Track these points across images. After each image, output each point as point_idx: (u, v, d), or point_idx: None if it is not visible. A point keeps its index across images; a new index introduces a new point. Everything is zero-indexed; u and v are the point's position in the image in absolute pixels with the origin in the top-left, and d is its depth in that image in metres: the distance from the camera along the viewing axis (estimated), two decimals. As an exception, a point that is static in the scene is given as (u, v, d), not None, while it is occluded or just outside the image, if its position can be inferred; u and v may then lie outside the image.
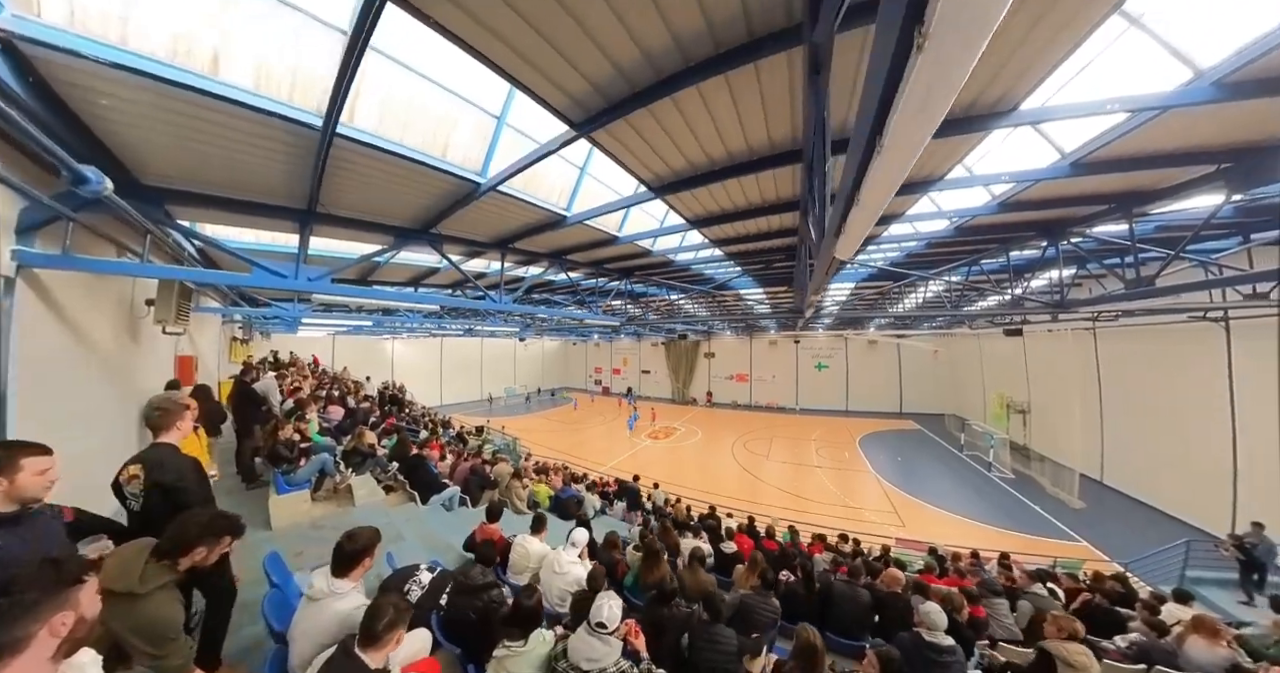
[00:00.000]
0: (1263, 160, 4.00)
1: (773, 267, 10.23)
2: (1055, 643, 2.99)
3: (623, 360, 45.07)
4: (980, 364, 24.77)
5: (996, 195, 6.06)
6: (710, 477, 17.76)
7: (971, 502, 14.98)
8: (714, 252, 9.22)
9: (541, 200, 5.78)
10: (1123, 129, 3.97)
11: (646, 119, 3.80)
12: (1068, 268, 8.47)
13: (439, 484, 6.60)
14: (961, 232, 7.49)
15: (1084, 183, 5.23)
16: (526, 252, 8.17)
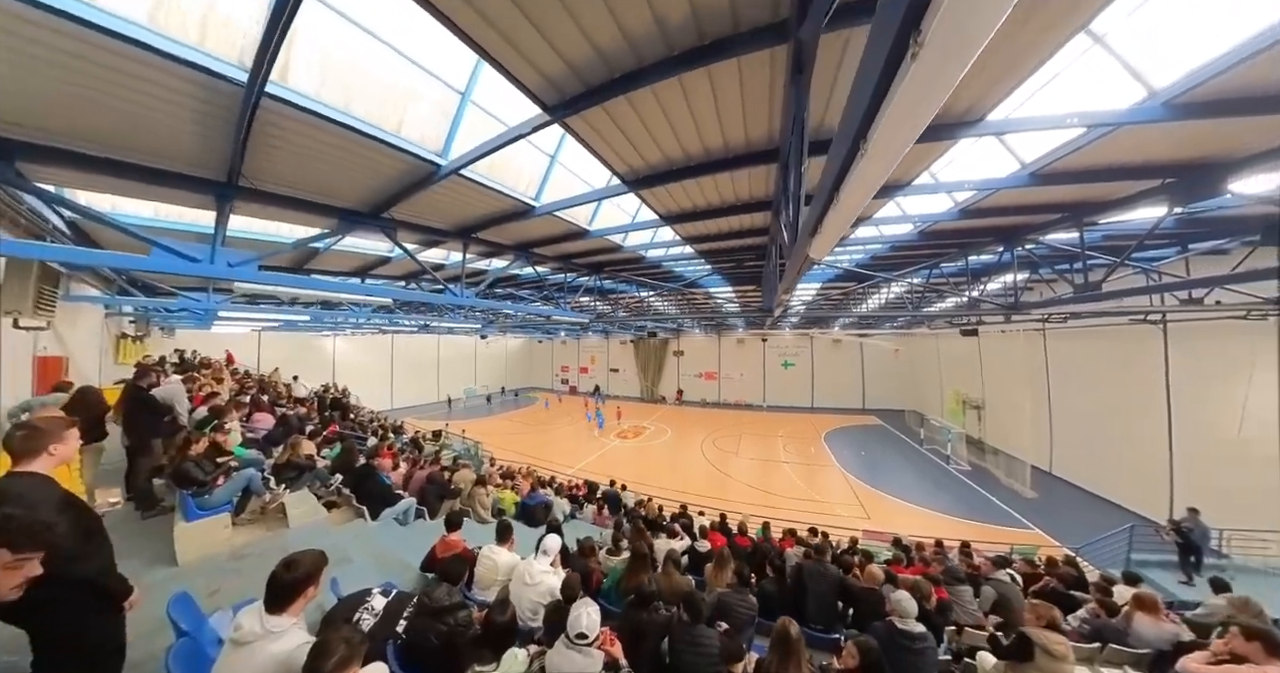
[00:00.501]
0: (1203, 177, 4.31)
1: (744, 266, 10.31)
2: (1036, 631, 3.10)
3: (590, 359, 44.16)
4: (938, 363, 25.94)
5: (959, 202, 6.30)
6: (681, 475, 17.76)
7: (932, 493, 15.67)
8: (685, 249, 9.13)
9: (508, 188, 5.45)
10: (1079, 143, 4.18)
11: (624, 109, 3.65)
12: (1021, 272, 8.95)
13: (392, 496, 5.94)
14: (924, 236, 7.76)
15: (1041, 193, 5.51)
16: (490, 243, 7.76)
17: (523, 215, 6.22)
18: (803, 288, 14.75)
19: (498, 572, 3.90)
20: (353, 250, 8.49)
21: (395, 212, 5.82)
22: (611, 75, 3.17)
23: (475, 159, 4.28)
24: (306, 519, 4.89)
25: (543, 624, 3.30)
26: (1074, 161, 4.52)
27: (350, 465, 6.25)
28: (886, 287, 13.51)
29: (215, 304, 9.53)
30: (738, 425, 27.96)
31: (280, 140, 3.83)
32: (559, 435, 25.53)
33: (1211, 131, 3.76)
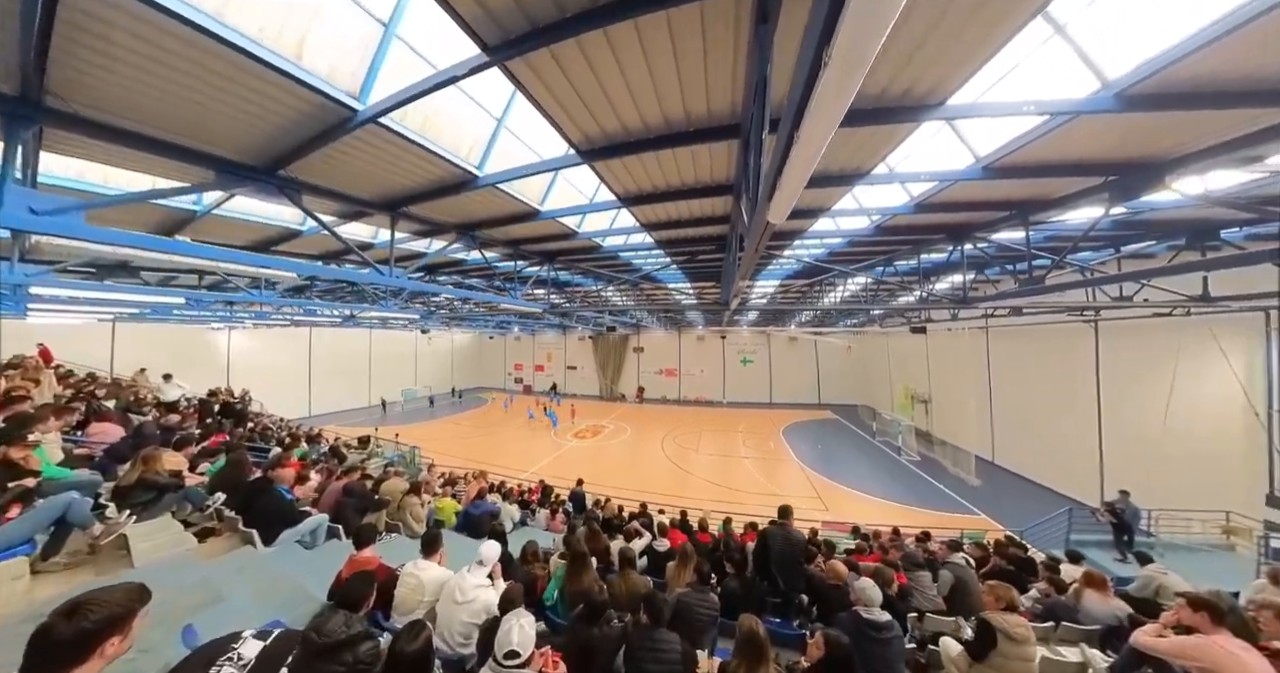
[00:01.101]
0: (1142, 175, 4.54)
1: (697, 259, 10.09)
2: (996, 615, 3.12)
3: (546, 356, 42.84)
4: (888, 359, 27.17)
5: (914, 196, 6.45)
6: (641, 474, 17.59)
7: (885, 483, 16.34)
8: (644, 238, 8.81)
9: (445, 149, 4.80)
10: (1030, 137, 4.30)
11: (575, 56, 3.23)
12: (969, 271, 9.37)
13: (294, 515, 4.95)
14: (880, 231, 7.94)
15: (991, 188, 5.70)
16: (427, 220, 7.01)
17: (464, 187, 5.56)
18: (761, 284, 14.97)
19: (423, 592, 3.34)
20: (248, 218, 7.01)
21: (299, 170, 4.88)
22: (562, 14, 2.82)
23: (401, 103, 3.61)
24: (161, 554, 3.85)
25: (475, 650, 2.88)
26: (1024, 156, 4.65)
27: (237, 481, 5.18)
28: (842, 284, 13.91)
29: (22, 278, 6.51)
30: (698, 422, 28.23)
31: (109, 46, 2.90)
32: (511, 437, 24.43)
33: (1154, 127, 3.94)
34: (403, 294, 14.93)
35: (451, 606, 3.15)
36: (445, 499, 7.73)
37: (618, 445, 22.91)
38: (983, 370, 18.44)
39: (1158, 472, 11.10)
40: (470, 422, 28.84)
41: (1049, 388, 15.23)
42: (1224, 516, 8.88)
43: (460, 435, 24.52)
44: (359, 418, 27.39)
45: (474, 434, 25.22)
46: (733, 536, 7.57)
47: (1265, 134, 3.65)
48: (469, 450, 20.57)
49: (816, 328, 26.22)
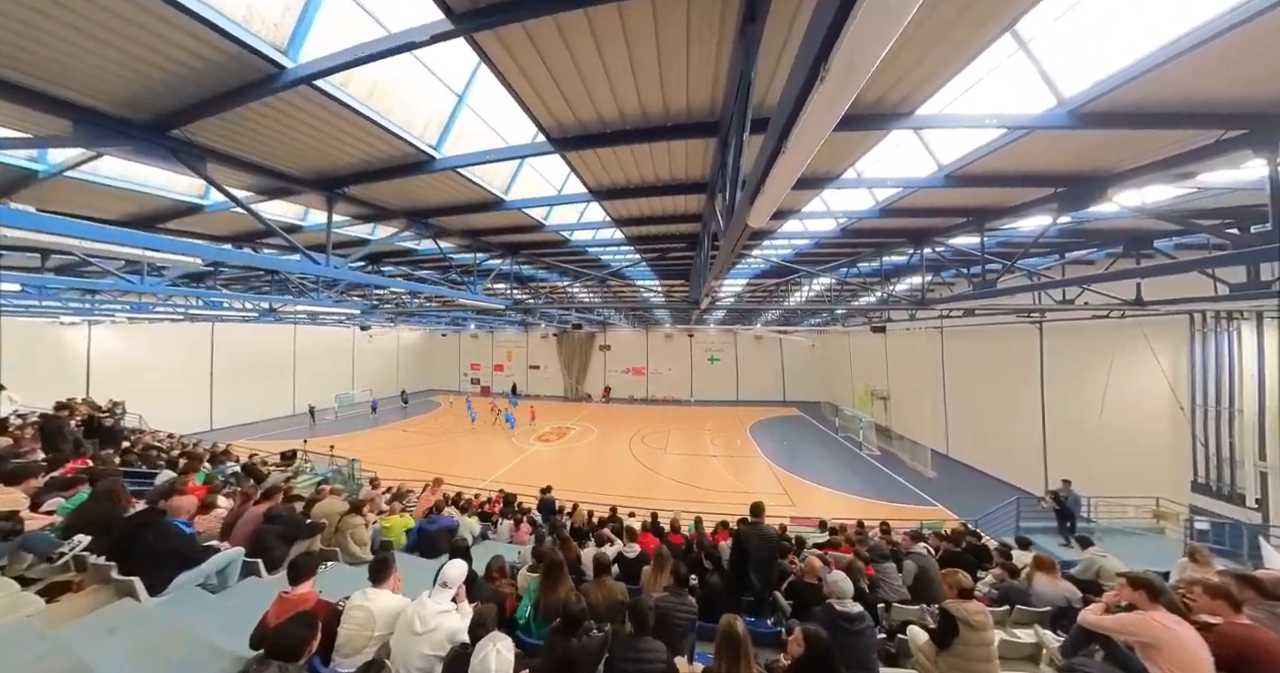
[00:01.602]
0: (1088, 187, 4.92)
1: (668, 257, 10.12)
2: (956, 605, 3.32)
3: (506, 355, 40.71)
4: (850, 358, 28.30)
5: (879, 201, 6.73)
6: (609, 476, 17.32)
7: (848, 478, 17.01)
8: (613, 233, 8.65)
9: (398, 126, 4.32)
10: (990, 147, 4.57)
11: (552, 36, 3.04)
12: (928, 274, 9.88)
13: (195, 553, 4.04)
14: (846, 233, 8.25)
15: (951, 195, 6.03)
16: (371, 204, 6.38)
17: (418, 169, 5.06)
18: (729, 283, 15.25)
19: (373, 626, 2.89)
20: (122, 185, 5.71)
21: (202, 133, 4.15)
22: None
23: (344, 66, 3.16)
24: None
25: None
26: (984, 166, 4.94)
27: (108, 517, 4.19)
28: (808, 284, 14.36)
29: None
30: (666, 421, 28.38)
31: None
32: (468, 444, 22.77)
33: (1102, 144, 4.27)
34: (338, 286, 13.61)
35: (409, 638, 2.77)
36: (394, 516, 6.82)
37: (584, 448, 22.29)
38: (938, 368, 19.55)
39: (1096, 462, 12.10)
40: (420, 428, 26.23)
41: (998, 385, 16.35)
42: (1154, 501, 9.76)
43: (409, 444, 22.44)
44: (281, 430, 23.53)
45: (425, 442, 23.05)
46: (705, 535, 7.69)
47: (1197, 153, 4.02)
48: (419, 460, 18.77)
49: (782, 327, 26.97)
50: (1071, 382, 13.39)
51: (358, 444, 19.53)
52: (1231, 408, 9.40)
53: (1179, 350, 10.44)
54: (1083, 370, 12.96)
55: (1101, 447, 12.18)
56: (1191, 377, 10.08)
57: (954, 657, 3.35)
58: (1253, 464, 9.00)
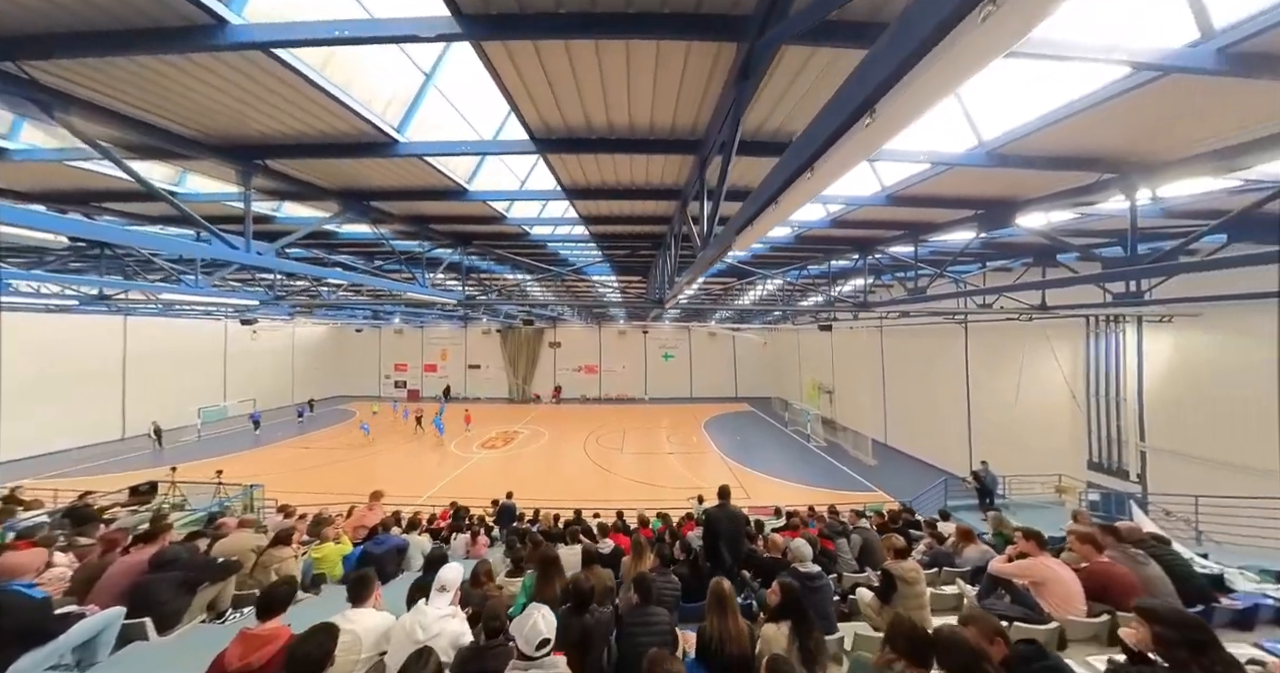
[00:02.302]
0: (1001, 211, 5.96)
1: (639, 254, 10.28)
2: (894, 564, 4.11)
3: (440, 353, 37.48)
4: (798, 354, 30.23)
5: (830, 213, 7.61)
6: (564, 480, 17.38)
7: (797, 468, 18.42)
8: (578, 230, 8.62)
9: (357, 102, 3.97)
10: (924, 175, 5.46)
11: (559, 55, 3.22)
12: (870, 277, 11.08)
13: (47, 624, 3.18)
14: (799, 240, 9.14)
15: (891, 212, 6.98)
16: (296, 180, 5.61)
17: (374, 151, 4.70)
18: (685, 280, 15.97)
19: (359, 648, 2.80)
20: None
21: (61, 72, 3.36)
22: (556, 7, 2.74)
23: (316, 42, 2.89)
24: None
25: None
26: (918, 190, 5.86)
27: None
28: (761, 284, 15.41)
29: None
30: (621, 420, 28.74)
31: None
32: (397, 458, 20.86)
33: (1011, 178, 5.26)
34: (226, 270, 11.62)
35: (412, 648, 2.62)
36: (327, 544, 5.90)
37: (535, 452, 21.83)
38: (878, 364, 21.53)
39: (1010, 445, 14.09)
40: (330, 443, 23.00)
41: (930, 378, 18.42)
42: (1057, 478, 11.53)
43: (315, 463, 19.58)
44: (108, 459, 18.95)
45: (339, 459, 20.29)
46: (672, 528, 8.28)
47: (1091, 187, 5.05)
48: (334, 481, 16.66)
49: (735, 324, 28.26)
50: (991, 376, 15.45)
51: (242, 468, 16.80)
52: (1117, 397, 11.29)
53: (1077, 348, 12.37)
54: (1000, 366, 15.00)
55: (1015, 432, 14.20)
56: (1087, 371, 12.00)
57: (894, 608, 4.15)
58: (1134, 445, 10.91)
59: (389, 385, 37.81)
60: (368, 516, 7.31)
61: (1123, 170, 4.64)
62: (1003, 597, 4.28)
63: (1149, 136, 4.14)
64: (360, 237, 9.16)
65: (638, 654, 2.96)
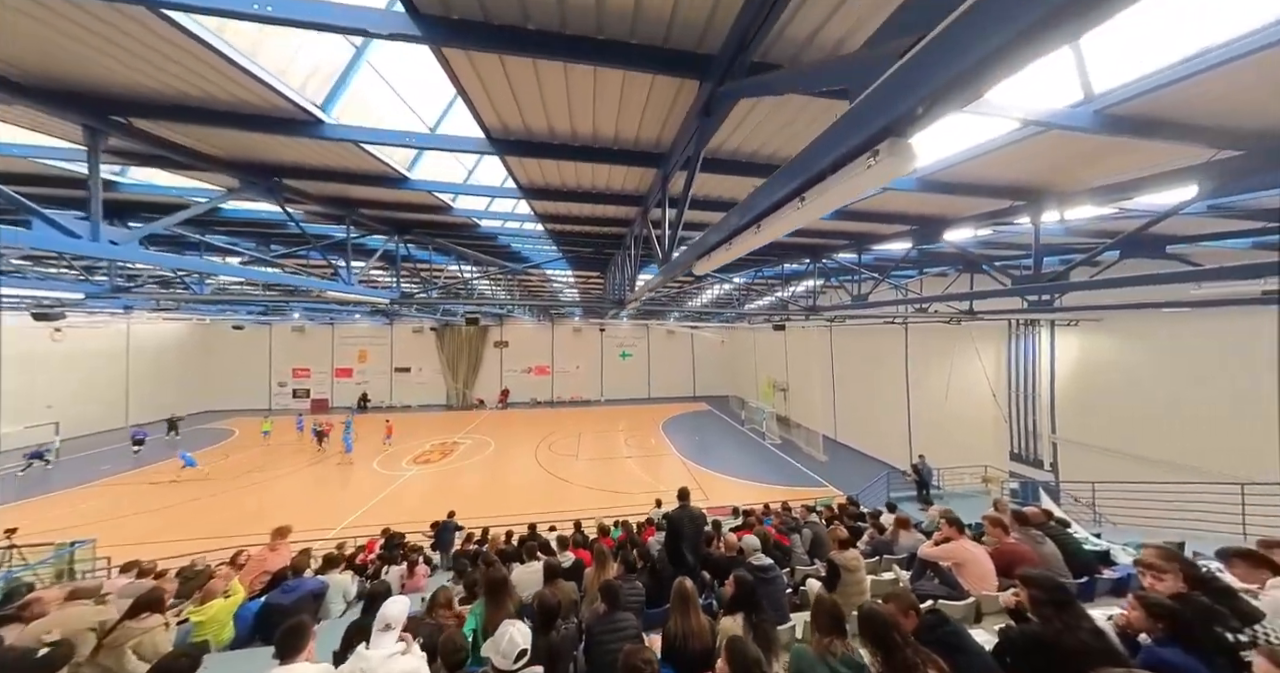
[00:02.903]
0: (932, 228, 6.73)
1: (601, 252, 10.12)
2: (838, 554, 4.67)
3: (358, 355, 33.00)
4: (754, 353, 31.42)
5: (783, 224, 8.21)
6: (515, 494, 16.41)
7: (753, 467, 19.29)
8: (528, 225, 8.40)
9: (271, 74, 3.48)
10: (864, 195, 6.10)
11: (525, 68, 3.28)
12: (820, 280, 11.93)
13: None
14: (755, 246, 9.74)
15: (838, 224, 7.65)
16: (178, 146, 4.63)
17: (290, 129, 4.13)
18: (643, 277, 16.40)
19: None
20: None
21: None
22: (524, 20, 2.75)
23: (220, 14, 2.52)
24: None
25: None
26: (860, 206, 6.50)
27: None
28: (718, 284, 16.10)
29: None
30: (576, 424, 28.11)
31: None
32: (302, 482, 17.71)
33: (940, 201, 5.97)
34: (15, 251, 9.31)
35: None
36: (213, 602, 4.68)
37: (479, 465, 20.13)
38: (829, 362, 22.86)
39: (943, 439, 15.49)
40: (191, 473, 17.76)
41: (875, 376, 19.90)
42: (984, 469, 12.82)
43: (172, 500, 15.39)
44: None
45: (212, 491, 16.43)
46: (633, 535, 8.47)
47: (1005, 211, 5.82)
48: (203, 522, 13.47)
49: (694, 323, 28.98)
50: (927, 374, 16.95)
51: (53, 518, 12.99)
52: (1033, 393, 12.73)
53: (1000, 350, 13.83)
54: (934, 365, 16.49)
55: (947, 428, 15.70)
56: (1008, 370, 13.46)
57: (839, 596, 4.70)
58: (1047, 437, 12.34)
59: (285, 396, 32.03)
60: (270, 558, 5.93)
61: (1029, 198, 5.42)
62: (932, 579, 4.94)
63: (1049, 173, 4.90)
64: (250, 215, 7.64)
65: (608, 662, 3.12)
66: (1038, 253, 5.66)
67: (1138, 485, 9.22)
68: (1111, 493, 9.59)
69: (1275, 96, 3.09)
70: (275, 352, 32.37)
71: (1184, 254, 7.01)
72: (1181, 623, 2.28)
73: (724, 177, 5.16)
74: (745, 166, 4.93)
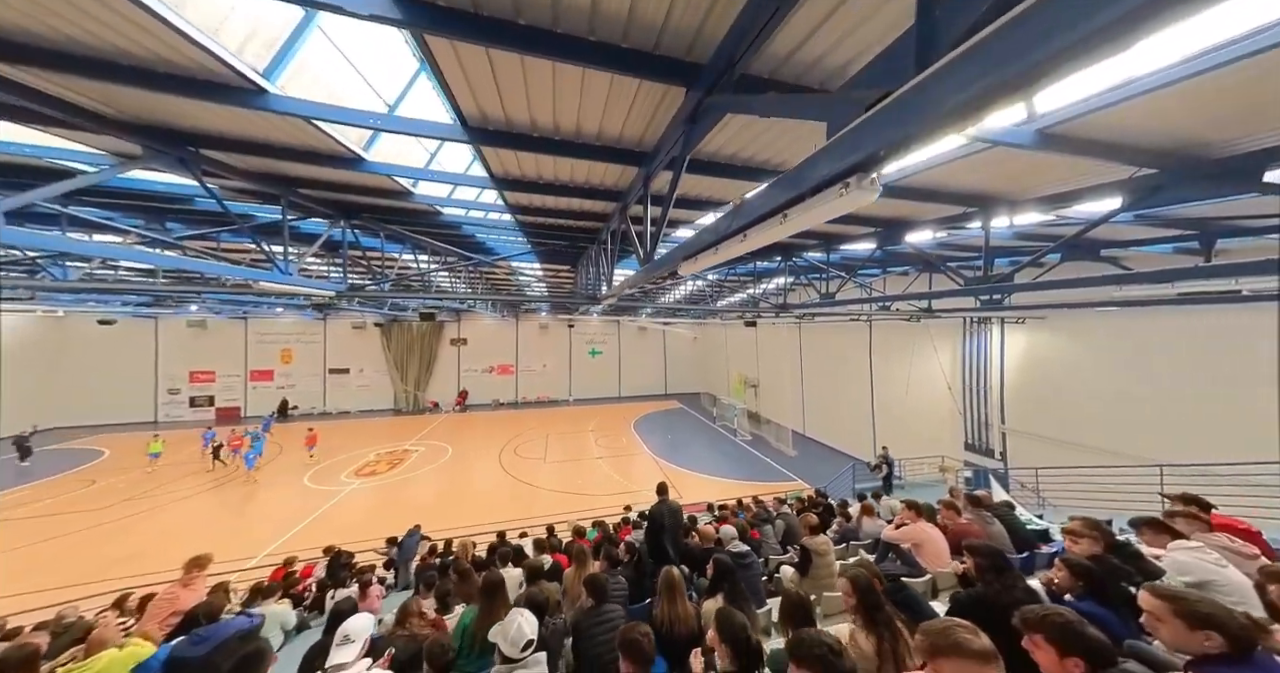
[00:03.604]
0: (897, 230, 7.33)
1: (575, 245, 10.07)
2: (809, 540, 5.10)
3: (280, 355, 29.55)
4: (726, 349, 32.17)
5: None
6: (477, 502, 15.73)
7: (725, 463, 19.89)
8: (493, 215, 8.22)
9: (194, 27, 3.11)
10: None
11: (512, 62, 3.39)
12: (789, 278, 12.55)
13: None
14: (727, 245, 10.18)
15: (807, 225, 8.16)
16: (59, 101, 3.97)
17: (220, 96, 3.69)
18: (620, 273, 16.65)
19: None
20: None
21: None
22: (515, 15, 2.83)
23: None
24: None
25: None
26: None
27: None
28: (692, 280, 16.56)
29: None
30: (542, 426, 27.46)
31: None
32: (205, 506, 15.46)
33: (902, 206, 6.51)
34: None
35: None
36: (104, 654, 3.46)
37: (434, 474, 19.06)
38: (797, 358, 23.80)
39: (904, 431, 16.65)
40: (47, 501, 15.38)
41: (841, 371, 20.90)
42: (941, 459, 13.78)
43: (27, 539, 12.63)
44: None
45: (83, 524, 13.72)
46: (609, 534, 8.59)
47: (960, 217, 6.41)
48: (73, 562, 11.29)
49: (666, 319, 29.36)
50: (889, 370, 18.07)
51: None
52: (985, 387, 13.78)
53: (956, 346, 14.92)
54: (895, 361, 17.61)
55: (907, 421, 16.88)
56: (963, 365, 14.51)
57: (810, 579, 5.13)
58: (998, 428, 13.40)
59: (178, 405, 27.46)
60: (183, 596, 4.79)
61: (981, 205, 6.00)
62: (894, 560, 5.44)
63: (999, 182, 5.46)
64: (137, 186, 6.51)
65: (596, 654, 3.43)
66: (988, 255, 6.26)
67: (1074, 470, 10.29)
68: (1053, 477, 10.64)
69: (1187, 122, 3.64)
70: (164, 351, 27.40)
71: (1117, 257, 7.84)
72: (1095, 580, 2.77)
73: (704, 177, 5.45)
74: (726, 168, 5.24)
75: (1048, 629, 1.96)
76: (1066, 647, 1.89)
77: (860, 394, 19.30)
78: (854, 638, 2.79)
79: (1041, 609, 2.08)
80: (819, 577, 5.05)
